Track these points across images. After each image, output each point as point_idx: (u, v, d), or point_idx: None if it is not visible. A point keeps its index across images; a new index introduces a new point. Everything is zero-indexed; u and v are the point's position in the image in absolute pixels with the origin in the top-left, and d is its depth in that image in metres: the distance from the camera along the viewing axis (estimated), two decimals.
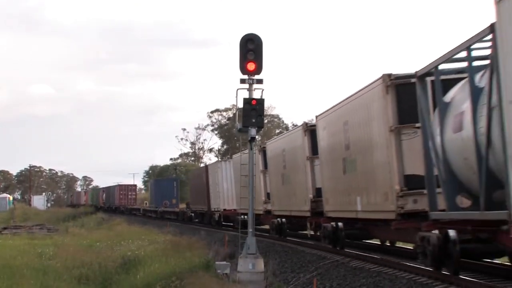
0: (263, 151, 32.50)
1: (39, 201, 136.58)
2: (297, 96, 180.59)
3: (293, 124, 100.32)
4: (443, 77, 14.56)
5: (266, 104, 20.38)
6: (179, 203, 65.87)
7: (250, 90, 19.08)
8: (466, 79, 13.31)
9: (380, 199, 18.16)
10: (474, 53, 13.09)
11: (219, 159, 65.41)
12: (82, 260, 24.86)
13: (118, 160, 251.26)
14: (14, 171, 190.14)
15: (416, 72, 15.30)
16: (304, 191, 25.50)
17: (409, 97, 16.32)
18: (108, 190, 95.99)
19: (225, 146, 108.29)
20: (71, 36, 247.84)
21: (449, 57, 13.67)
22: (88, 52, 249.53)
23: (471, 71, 12.97)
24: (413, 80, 15.86)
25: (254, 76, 19.01)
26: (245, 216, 27.65)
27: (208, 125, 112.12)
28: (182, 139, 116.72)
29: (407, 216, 16.86)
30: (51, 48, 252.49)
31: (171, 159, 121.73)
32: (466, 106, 12.97)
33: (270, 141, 33.38)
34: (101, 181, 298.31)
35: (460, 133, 13.27)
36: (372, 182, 18.63)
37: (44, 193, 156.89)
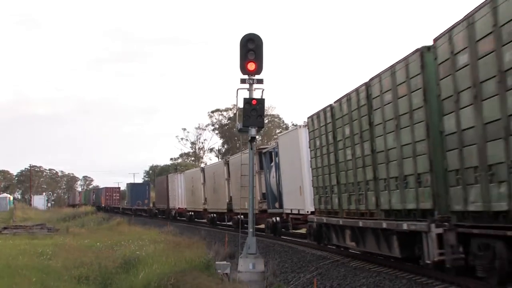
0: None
1: (39, 201, 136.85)
2: (297, 96, 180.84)
3: (293, 124, 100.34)
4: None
5: (266, 104, 20.55)
6: (150, 203, 79.56)
7: (250, 90, 19.06)
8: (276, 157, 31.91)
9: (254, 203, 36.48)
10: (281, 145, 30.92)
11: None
12: (82, 260, 24.82)
13: (119, 160, 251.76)
14: (14, 171, 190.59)
15: (263, 149, 34.75)
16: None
17: (264, 157, 34.50)
18: (97, 191, 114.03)
19: (225, 146, 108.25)
20: (71, 36, 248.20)
21: (271, 148, 33.75)
22: (88, 52, 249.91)
23: (276, 156, 31.85)
24: (264, 151, 34.50)
25: (254, 76, 18.99)
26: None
27: (208, 125, 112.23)
28: (182, 139, 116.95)
29: (263, 211, 34.28)
30: (51, 47, 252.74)
31: (171, 159, 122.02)
32: (274, 168, 32.15)
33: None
34: (102, 181, 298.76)
35: (274, 178, 32.13)
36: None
37: (44, 193, 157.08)
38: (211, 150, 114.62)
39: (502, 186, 11.31)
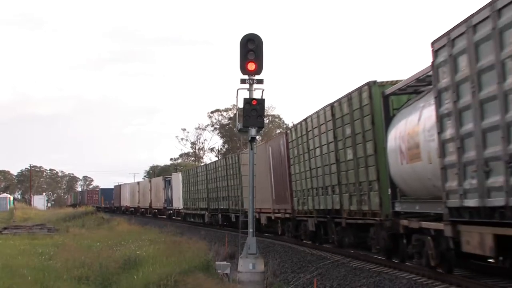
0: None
1: (39, 201, 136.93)
2: (297, 96, 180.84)
3: (293, 124, 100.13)
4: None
5: (266, 104, 20.41)
6: (115, 202, 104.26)
7: (250, 90, 18.99)
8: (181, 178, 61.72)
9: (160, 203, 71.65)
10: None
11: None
12: (82, 260, 24.80)
13: (119, 160, 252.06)
14: (14, 171, 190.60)
15: (166, 178, 69.28)
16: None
17: (166, 181, 67.92)
18: (82, 193, 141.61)
19: (226, 146, 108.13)
20: (73, 36, 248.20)
21: (169, 177, 67.78)
22: (89, 51, 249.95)
23: (171, 181, 65.46)
24: (166, 179, 68.67)
25: (254, 76, 18.91)
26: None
27: (208, 125, 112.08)
28: (182, 139, 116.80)
29: (165, 208, 67.71)
30: (52, 47, 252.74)
31: (171, 159, 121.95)
32: (171, 187, 65.17)
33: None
34: (102, 181, 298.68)
35: (170, 192, 65.29)
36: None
37: (44, 193, 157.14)
38: (211, 150, 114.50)
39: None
